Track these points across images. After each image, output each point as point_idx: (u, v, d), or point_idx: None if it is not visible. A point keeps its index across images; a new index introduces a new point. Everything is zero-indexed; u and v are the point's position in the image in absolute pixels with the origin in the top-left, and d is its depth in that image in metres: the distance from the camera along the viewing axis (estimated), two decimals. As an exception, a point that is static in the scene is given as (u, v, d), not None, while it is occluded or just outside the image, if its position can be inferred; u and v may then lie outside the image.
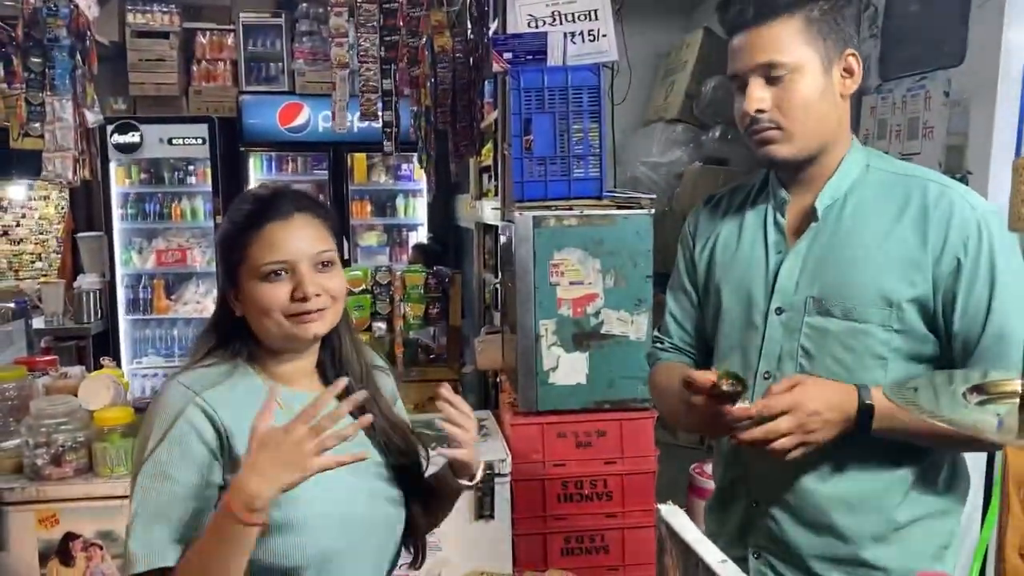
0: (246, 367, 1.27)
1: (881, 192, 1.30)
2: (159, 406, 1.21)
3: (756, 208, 1.42)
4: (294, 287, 1.22)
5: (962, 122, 2.40)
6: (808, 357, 1.30)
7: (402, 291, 3.81)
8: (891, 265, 1.25)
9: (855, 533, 1.29)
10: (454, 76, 3.86)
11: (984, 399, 0.62)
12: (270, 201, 1.26)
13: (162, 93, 5.81)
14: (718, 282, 1.42)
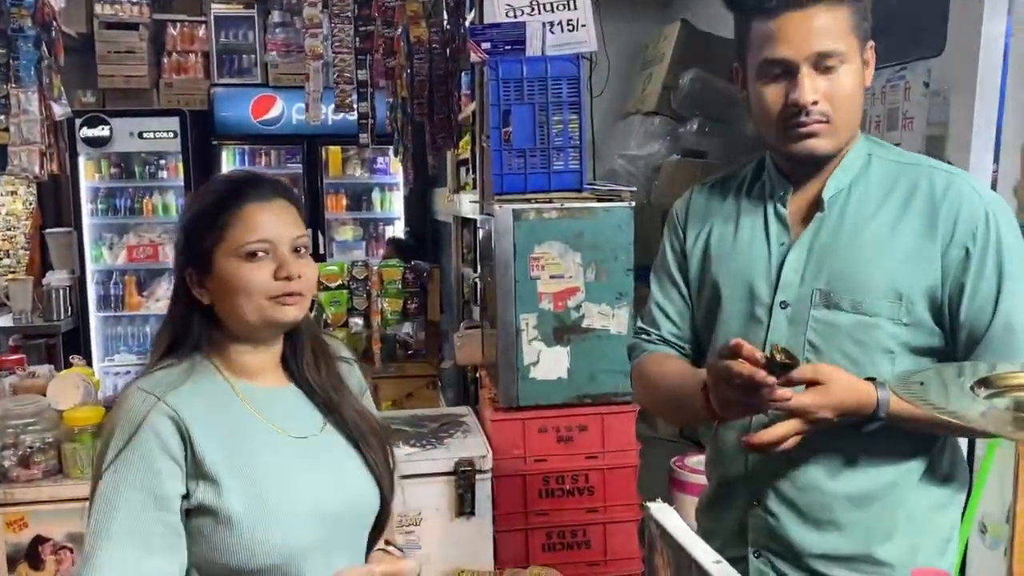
0: (206, 363, 1.23)
1: (886, 182, 1.27)
2: (120, 413, 1.16)
3: (752, 199, 1.37)
4: (276, 267, 1.21)
5: (942, 112, 2.39)
6: (815, 351, 1.26)
7: (379, 286, 3.77)
8: (902, 257, 1.22)
9: (861, 529, 1.27)
10: (431, 67, 3.81)
11: (992, 392, 0.60)
12: (249, 182, 1.24)
13: (132, 86, 5.70)
14: (714, 276, 1.37)
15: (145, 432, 1.13)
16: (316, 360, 1.32)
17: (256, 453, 1.20)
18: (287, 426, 1.25)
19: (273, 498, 1.17)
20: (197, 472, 1.15)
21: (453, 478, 2.51)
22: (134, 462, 1.12)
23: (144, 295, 5.93)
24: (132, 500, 1.11)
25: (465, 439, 2.70)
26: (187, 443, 1.16)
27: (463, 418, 2.94)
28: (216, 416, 1.19)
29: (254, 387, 1.25)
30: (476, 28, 2.65)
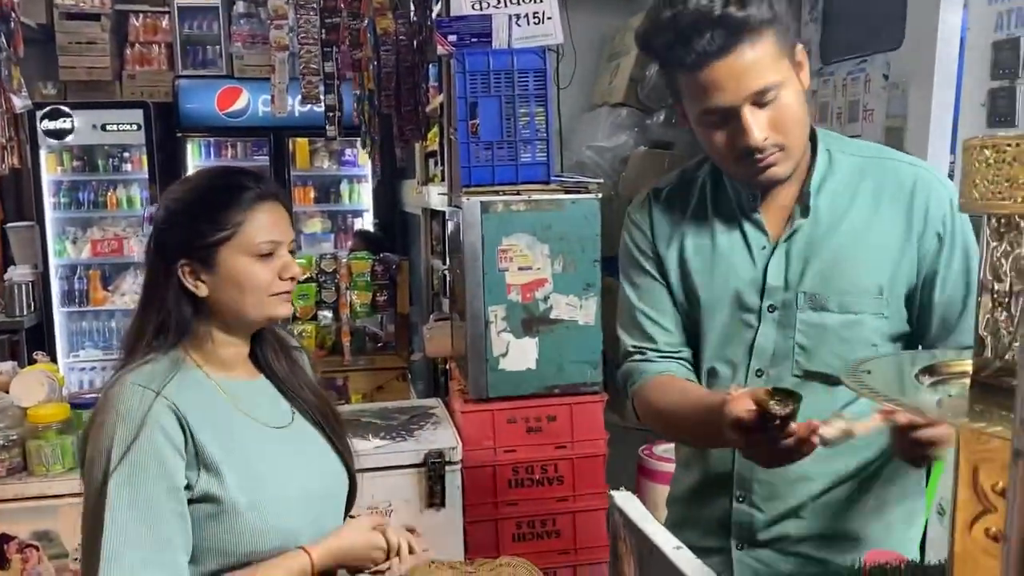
0: (185, 358, 1.25)
1: (852, 178, 1.28)
2: (118, 411, 1.16)
3: (721, 207, 1.34)
4: (281, 267, 1.25)
5: (901, 105, 2.44)
6: (805, 353, 1.28)
7: (348, 279, 3.75)
8: (880, 252, 1.24)
9: (841, 512, 1.30)
10: (398, 59, 3.80)
11: (936, 380, 0.62)
12: (256, 181, 1.27)
13: (94, 78, 5.62)
14: (697, 286, 1.34)
15: (150, 427, 1.15)
16: (277, 351, 1.36)
17: (245, 443, 1.23)
18: (264, 417, 1.29)
19: (267, 485, 1.22)
20: (199, 462, 1.18)
21: (423, 470, 2.52)
22: (145, 458, 1.14)
23: (109, 290, 5.85)
24: (150, 496, 1.13)
25: (435, 431, 2.71)
26: (188, 434, 1.18)
27: (433, 410, 2.95)
28: (206, 409, 1.22)
29: (230, 381, 1.28)
30: (442, 20, 2.65)
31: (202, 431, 1.18)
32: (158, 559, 1.12)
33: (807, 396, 1.24)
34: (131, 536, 1.11)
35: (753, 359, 1.31)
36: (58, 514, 2.29)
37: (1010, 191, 0.53)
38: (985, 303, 0.59)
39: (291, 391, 1.35)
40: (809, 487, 1.29)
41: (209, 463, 1.18)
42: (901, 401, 0.56)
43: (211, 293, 1.24)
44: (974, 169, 0.56)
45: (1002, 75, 2.12)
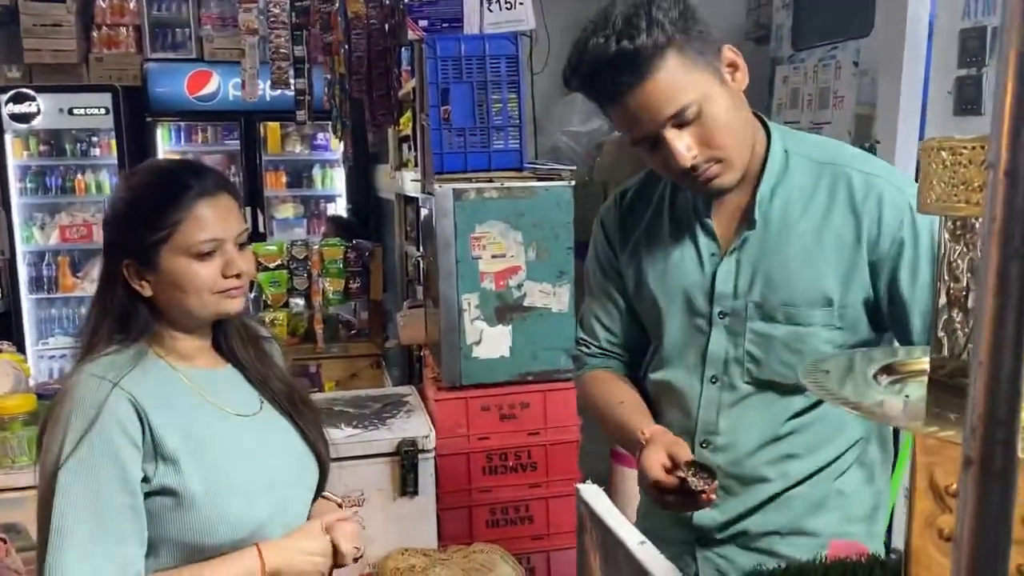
0: (148, 350, 1.24)
1: (807, 185, 1.26)
2: (74, 400, 1.15)
3: (678, 211, 1.35)
4: (224, 265, 1.22)
5: (870, 92, 2.45)
6: (755, 362, 1.28)
7: (320, 266, 3.72)
8: (828, 264, 1.23)
9: (799, 506, 1.30)
10: (369, 43, 3.75)
11: (895, 379, 0.62)
12: (197, 177, 1.23)
13: (60, 60, 5.49)
14: (652, 291, 1.36)
15: (105, 418, 1.13)
16: (244, 341, 1.35)
17: (208, 433, 1.22)
18: (231, 406, 1.28)
19: (231, 475, 1.21)
20: (156, 454, 1.17)
21: (396, 458, 2.52)
22: (97, 449, 1.12)
23: (79, 276, 5.77)
24: (100, 488, 1.11)
25: (408, 419, 2.71)
26: (145, 426, 1.16)
27: (406, 398, 2.94)
28: (167, 399, 1.20)
29: (195, 371, 1.27)
30: (413, 5, 2.62)
31: (161, 421, 1.17)
32: (105, 552, 1.11)
33: (761, 404, 1.29)
34: (79, 528, 1.10)
35: (707, 365, 1.31)
36: (25, 506, 2.26)
37: (966, 193, 0.53)
38: (942, 303, 0.59)
39: (258, 379, 1.33)
40: (766, 488, 1.30)
41: (168, 454, 1.17)
42: (858, 403, 0.56)
43: (155, 293, 1.22)
44: (932, 171, 0.56)
45: (969, 63, 2.13)
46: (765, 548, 1.30)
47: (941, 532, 0.53)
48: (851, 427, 1.31)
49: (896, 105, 2.31)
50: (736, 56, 1.21)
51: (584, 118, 4.88)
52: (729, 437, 1.30)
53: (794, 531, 1.30)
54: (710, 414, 1.32)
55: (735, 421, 1.30)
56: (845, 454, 1.31)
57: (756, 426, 1.29)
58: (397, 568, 2.35)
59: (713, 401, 1.31)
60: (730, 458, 1.29)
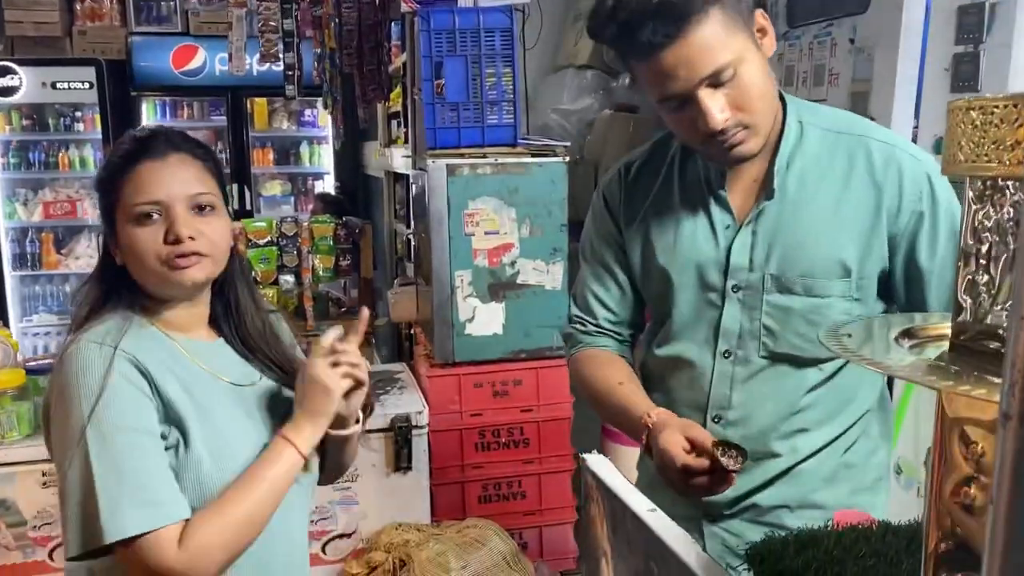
0: (140, 319, 1.22)
1: (823, 155, 1.24)
2: (78, 367, 1.13)
3: (688, 183, 1.32)
4: (166, 229, 1.17)
5: (866, 69, 2.44)
6: (771, 335, 1.27)
7: (310, 242, 3.70)
8: (847, 234, 1.22)
9: (807, 479, 1.30)
10: (359, 16, 3.71)
11: (915, 343, 0.62)
12: (145, 141, 1.20)
13: (43, 33, 5.41)
14: (662, 264, 1.34)
15: (115, 378, 1.12)
16: (246, 316, 1.32)
17: (207, 399, 1.21)
18: (225, 375, 1.26)
19: (232, 442, 1.20)
20: (165, 415, 1.16)
21: (390, 434, 2.51)
22: (115, 406, 1.11)
23: (63, 253, 5.71)
24: (127, 442, 1.10)
25: (401, 395, 2.71)
26: (151, 386, 1.15)
27: (398, 375, 2.94)
28: (166, 364, 1.19)
29: (190, 340, 1.26)
30: (406, -23, 2.59)
31: (165, 384, 1.16)
32: (153, 500, 1.10)
33: (775, 378, 1.28)
34: (120, 488, 1.08)
35: (720, 340, 1.30)
36: (15, 481, 2.25)
37: (997, 153, 0.52)
38: (965, 266, 0.59)
39: (257, 355, 1.32)
40: (776, 463, 1.30)
41: (173, 415, 1.16)
42: (884, 363, 0.56)
43: (125, 261, 1.21)
44: (959, 132, 0.56)
45: (966, 40, 2.13)
46: (774, 521, 1.30)
47: (967, 493, 0.53)
48: (858, 399, 1.31)
49: (892, 82, 2.30)
50: (766, 22, 1.19)
51: (574, 96, 4.86)
52: (742, 411, 1.30)
53: (803, 504, 1.30)
54: (723, 388, 1.30)
55: (749, 395, 1.29)
56: (853, 427, 1.31)
57: (770, 400, 1.29)
58: (391, 543, 2.36)
59: (726, 376, 1.30)
60: (742, 432, 1.29)
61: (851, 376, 1.29)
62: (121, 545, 1.08)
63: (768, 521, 1.30)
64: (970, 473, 0.52)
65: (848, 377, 1.29)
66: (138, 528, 1.08)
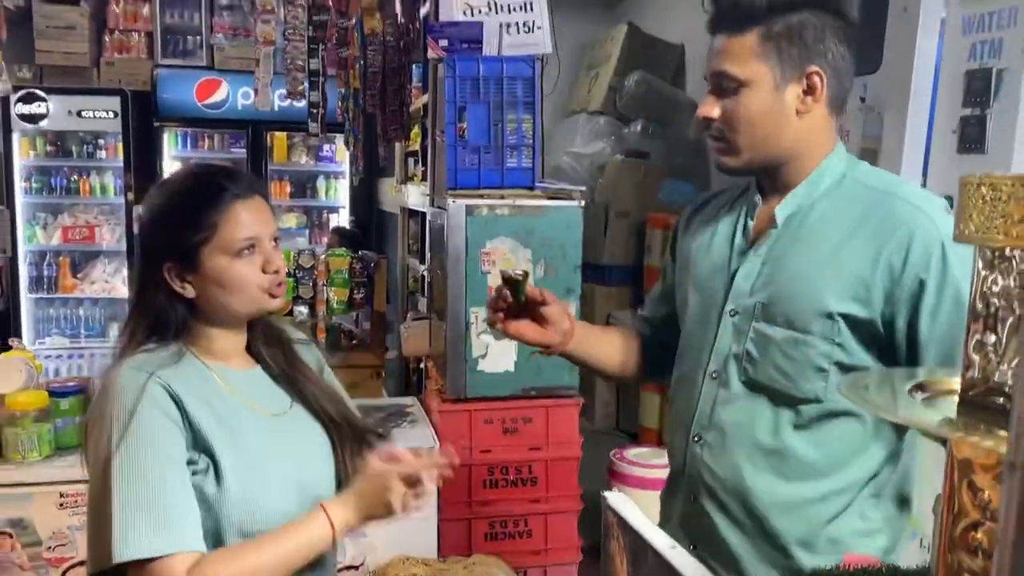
0: (183, 349, 1.28)
1: (846, 204, 1.28)
2: (115, 392, 1.19)
3: (733, 211, 1.42)
4: (264, 262, 1.27)
5: (876, 127, 2.52)
6: (751, 362, 1.31)
7: (326, 275, 3.76)
8: (837, 278, 1.24)
9: (787, 536, 1.30)
10: (384, 59, 3.82)
11: (927, 396, 0.67)
12: (232, 179, 1.29)
13: (71, 63, 5.55)
14: (689, 279, 1.44)
15: (145, 404, 1.17)
16: (274, 344, 1.39)
17: (239, 428, 1.26)
18: (259, 404, 1.31)
19: (261, 468, 1.24)
20: (195, 442, 1.20)
21: (400, 468, 2.54)
22: (144, 432, 1.16)
23: (79, 277, 5.79)
24: (151, 470, 1.14)
25: (412, 429, 2.74)
26: (183, 414, 1.20)
27: (409, 408, 2.97)
28: (201, 394, 1.24)
29: (228, 369, 1.31)
30: (434, 26, 2.68)
31: (198, 414, 1.21)
32: (167, 526, 1.13)
33: (751, 410, 1.31)
34: (138, 515, 1.12)
35: (712, 360, 1.36)
36: (33, 502, 2.29)
37: (1005, 226, 0.58)
38: (974, 326, 0.64)
39: (288, 382, 1.37)
40: (750, 502, 1.32)
41: (204, 444, 1.21)
42: (896, 412, 0.61)
43: (198, 293, 1.26)
44: (970, 205, 0.61)
45: (973, 103, 2.20)
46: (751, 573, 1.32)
47: (975, 537, 0.57)
48: (850, 470, 1.30)
49: (901, 142, 2.37)
50: (819, 84, 1.25)
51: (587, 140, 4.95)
52: (719, 435, 1.33)
53: (782, 565, 1.30)
54: (706, 408, 1.35)
55: (727, 420, 1.33)
56: (839, 496, 1.30)
57: (746, 430, 1.31)
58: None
59: (710, 396, 1.35)
60: (717, 458, 1.33)
61: (839, 441, 1.29)
62: (134, 567, 1.12)
63: (745, 570, 1.32)
64: (978, 519, 0.57)
65: (835, 441, 1.29)
66: (151, 552, 1.12)
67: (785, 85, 1.26)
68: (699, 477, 1.36)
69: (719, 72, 1.28)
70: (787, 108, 1.26)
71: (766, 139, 1.28)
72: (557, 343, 1.48)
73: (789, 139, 1.29)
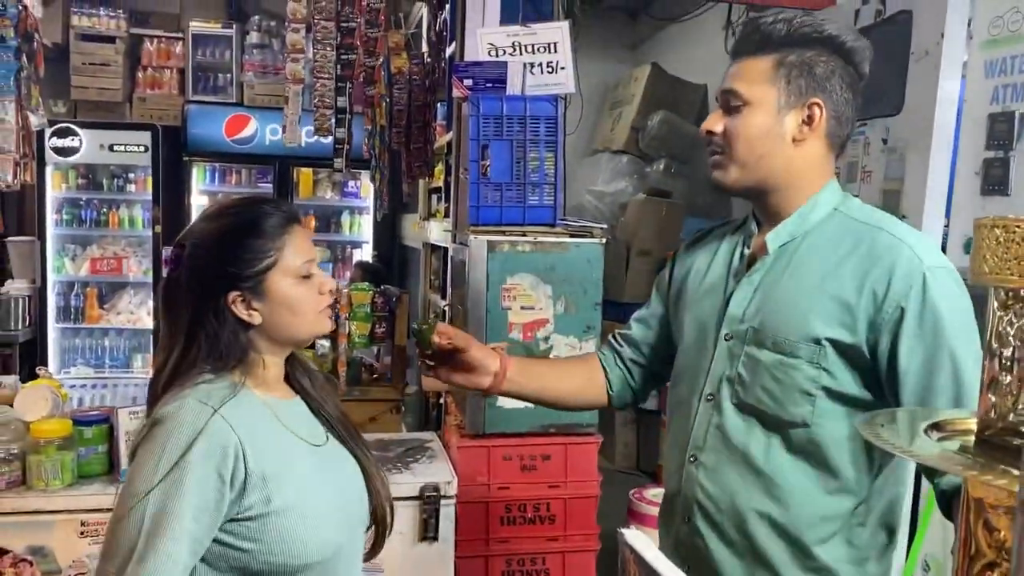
0: (240, 381, 1.28)
1: (836, 236, 1.33)
2: (176, 423, 1.18)
3: (730, 240, 1.48)
4: (320, 284, 1.32)
5: (898, 168, 2.52)
6: (743, 384, 1.35)
7: (348, 309, 3.79)
8: (823, 305, 1.28)
9: (778, 559, 1.32)
10: (410, 97, 3.88)
11: (943, 436, 0.67)
12: (283, 207, 1.35)
13: (105, 99, 5.70)
14: (684, 306, 1.49)
15: (200, 444, 1.17)
16: (308, 373, 1.42)
17: (291, 461, 1.27)
18: (304, 435, 1.33)
19: (312, 500, 1.26)
20: (248, 483, 1.20)
21: (418, 503, 2.54)
22: (188, 475, 1.15)
23: (105, 308, 5.87)
24: (183, 513, 1.15)
25: (431, 464, 2.74)
26: (241, 453, 1.20)
27: (428, 443, 2.97)
28: (258, 428, 1.25)
29: (275, 400, 1.33)
30: (459, 66, 2.73)
31: (256, 449, 1.21)
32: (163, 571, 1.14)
33: (742, 431, 1.34)
34: (160, 548, 1.13)
35: (707, 383, 1.39)
36: (54, 530, 2.30)
37: (1018, 268, 0.59)
38: (990, 367, 0.64)
39: (322, 412, 1.40)
40: (741, 522, 1.35)
41: (261, 480, 1.21)
42: (913, 451, 0.61)
43: (265, 320, 1.28)
44: (984, 246, 0.62)
45: (996, 146, 2.21)
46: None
47: (990, 576, 0.57)
48: (837, 496, 1.32)
49: (924, 183, 2.37)
50: (819, 116, 1.32)
51: (609, 179, 4.98)
52: (714, 457, 1.37)
53: None
54: (700, 430, 1.39)
55: (720, 442, 1.36)
56: (832, 522, 1.32)
57: (738, 452, 1.35)
58: (414, 613, 2.36)
59: (705, 418, 1.38)
60: (711, 479, 1.36)
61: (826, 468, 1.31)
62: None
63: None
64: (993, 558, 0.57)
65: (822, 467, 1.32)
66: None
67: (787, 111, 1.32)
68: (693, 497, 1.39)
69: (728, 90, 1.35)
70: (785, 133, 1.32)
71: (759, 159, 1.34)
72: (487, 385, 1.52)
73: (782, 164, 1.34)
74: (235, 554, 1.21)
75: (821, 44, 1.32)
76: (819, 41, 1.32)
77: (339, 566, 1.30)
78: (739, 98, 1.33)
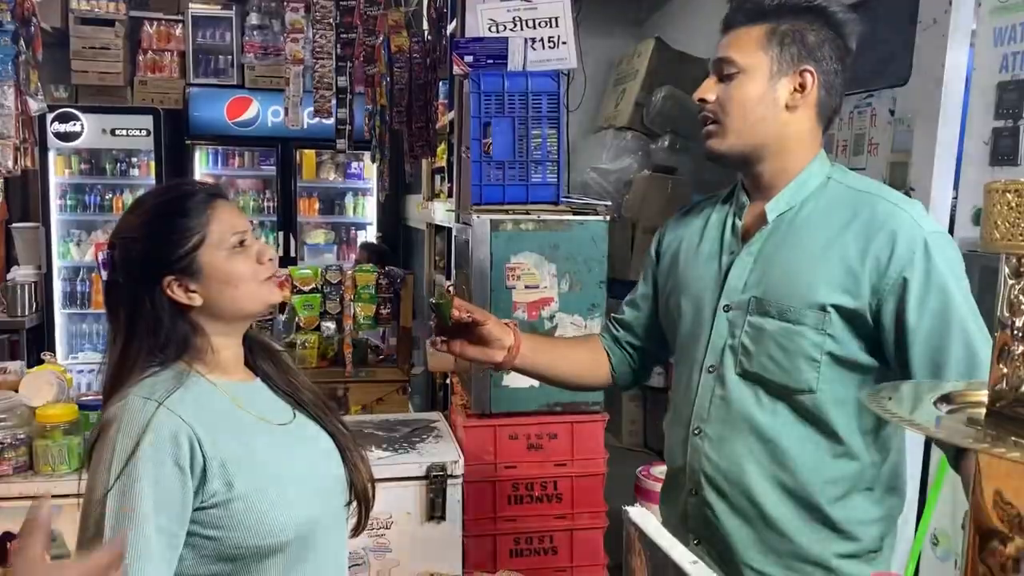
0: (189, 371, 1.26)
1: (834, 204, 1.35)
2: (120, 423, 1.16)
3: (719, 213, 1.49)
4: (258, 253, 1.30)
5: (906, 140, 2.49)
6: (747, 354, 1.36)
7: (353, 291, 3.78)
8: (827, 272, 1.30)
9: (789, 527, 1.34)
10: (411, 76, 3.85)
11: (952, 408, 0.66)
12: (203, 186, 1.34)
13: (106, 83, 5.67)
14: (677, 280, 1.50)
15: (150, 437, 1.15)
16: (267, 353, 1.41)
17: (251, 443, 1.25)
18: (267, 415, 1.31)
19: (279, 480, 1.24)
20: (205, 470, 1.18)
21: (425, 483, 2.54)
22: (141, 472, 1.13)
23: (111, 293, 5.88)
24: (142, 511, 1.13)
25: (437, 444, 2.74)
26: (194, 443, 1.18)
27: (435, 423, 2.97)
28: (212, 415, 1.23)
29: (232, 383, 1.30)
30: (459, 42, 2.69)
31: (211, 438, 1.19)
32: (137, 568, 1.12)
33: (747, 400, 1.36)
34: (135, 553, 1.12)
35: (708, 354, 1.40)
36: (62, 514, 2.31)
37: (1030, 233, 0.57)
38: (1002, 337, 0.62)
39: (286, 391, 1.38)
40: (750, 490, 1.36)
41: (219, 470, 1.19)
42: (922, 424, 0.59)
43: (205, 299, 1.26)
44: (995, 211, 0.60)
45: (1006, 115, 2.17)
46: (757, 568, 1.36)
47: (1002, 552, 0.56)
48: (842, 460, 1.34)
49: (932, 154, 2.34)
50: (810, 83, 1.34)
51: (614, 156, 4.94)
52: (719, 429, 1.38)
53: (787, 554, 1.35)
54: (704, 401, 1.40)
55: (724, 412, 1.37)
56: (840, 484, 1.35)
57: (743, 420, 1.36)
58: (423, 592, 2.37)
59: (708, 390, 1.40)
60: (717, 449, 1.37)
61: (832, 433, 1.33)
62: None
63: (751, 564, 1.37)
64: (1005, 532, 0.56)
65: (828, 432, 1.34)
66: None
67: (779, 77, 1.34)
68: (700, 469, 1.40)
69: (722, 58, 1.36)
70: (778, 99, 1.34)
71: (754, 125, 1.35)
72: (501, 360, 1.52)
73: (775, 131, 1.36)
74: (203, 542, 1.19)
75: (811, 14, 1.34)
76: (809, 11, 1.34)
77: (318, 541, 1.28)
78: (733, 65, 1.35)
